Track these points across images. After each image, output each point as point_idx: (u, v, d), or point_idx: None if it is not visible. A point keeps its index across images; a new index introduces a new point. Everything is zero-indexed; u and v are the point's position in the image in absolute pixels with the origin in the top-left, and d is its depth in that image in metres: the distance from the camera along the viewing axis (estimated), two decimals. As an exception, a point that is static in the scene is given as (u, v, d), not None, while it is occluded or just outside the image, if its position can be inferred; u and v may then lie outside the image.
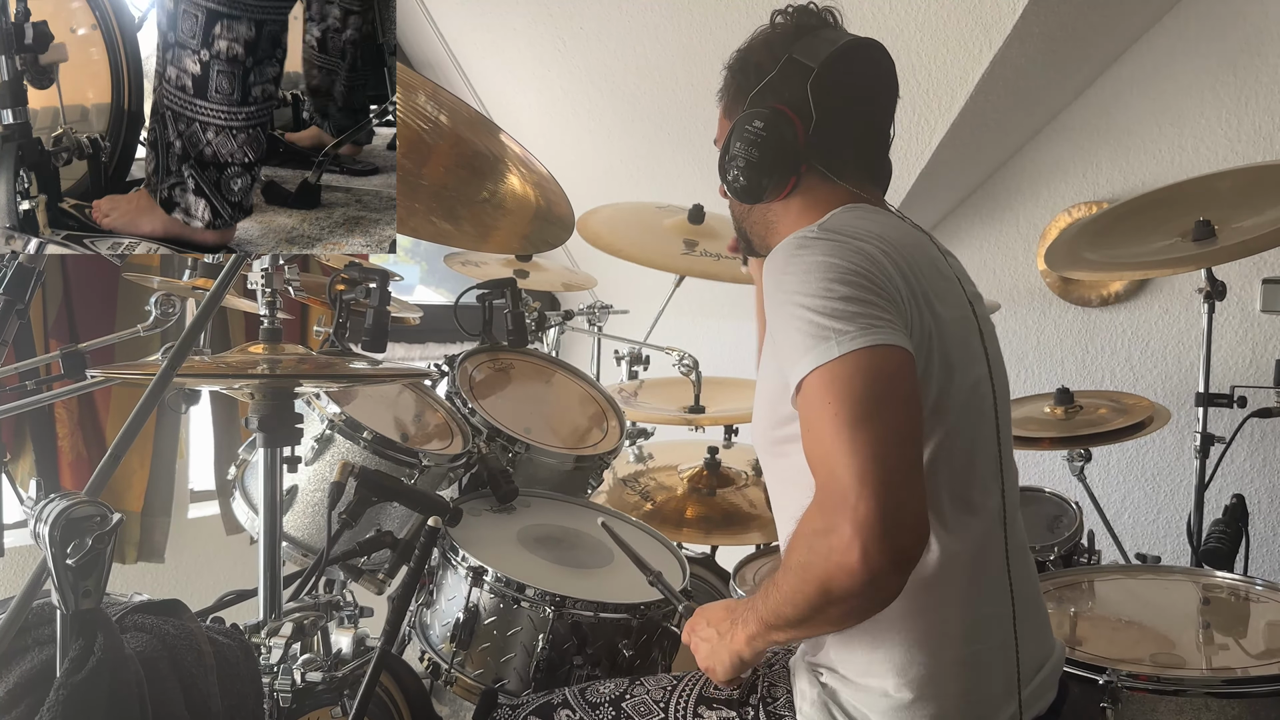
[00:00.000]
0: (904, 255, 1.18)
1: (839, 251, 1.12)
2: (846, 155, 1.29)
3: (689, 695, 1.28)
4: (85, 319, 2.34)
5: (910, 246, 1.22)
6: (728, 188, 1.32)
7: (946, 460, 1.16)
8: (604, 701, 1.32)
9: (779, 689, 1.25)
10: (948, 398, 1.16)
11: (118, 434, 1.02)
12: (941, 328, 1.17)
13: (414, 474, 1.75)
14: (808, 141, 1.25)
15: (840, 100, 1.27)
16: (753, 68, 1.30)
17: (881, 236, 1.18)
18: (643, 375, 2.75)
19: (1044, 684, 1.24)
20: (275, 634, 1.41)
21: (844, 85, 1.27)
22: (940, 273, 1.25)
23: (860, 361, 1.04)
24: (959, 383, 1.18)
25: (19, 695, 1.11)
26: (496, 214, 1.91)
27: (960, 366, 1.19)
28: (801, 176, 1.28)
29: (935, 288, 1.20)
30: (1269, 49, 2.76)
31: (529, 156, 1.97)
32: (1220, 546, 2.19)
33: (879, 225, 1.22)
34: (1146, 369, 3.01)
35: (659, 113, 3.08)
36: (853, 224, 1.20)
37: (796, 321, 1.09)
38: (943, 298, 1.20)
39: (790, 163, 1.26)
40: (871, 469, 0.99)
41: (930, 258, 1.25)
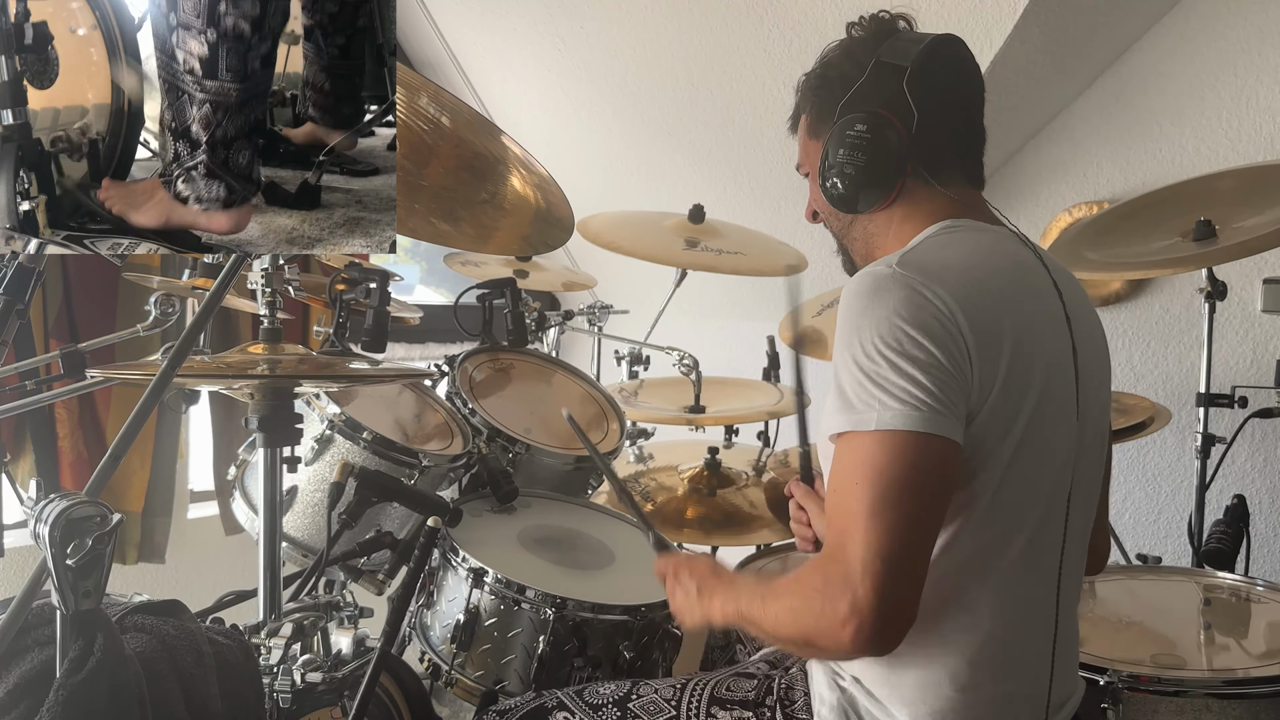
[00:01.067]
0: (992, 289, 1.12)
1: (907, 306, 1.07)
2: (948, 156, 1.25)
3: (701, 695, 1.27)
4: (85, 319, 2.34)
5: (1004, 274, 1.16)
6: (828, 197, 1.26)
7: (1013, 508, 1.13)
8: (606, 703, 1.30)
9: (796, 691, 1.24)
10: (1030, 441, 1.12)
11: (118, 434, 1.02)
12: (1029, 376, 1.12)
13: (414, 474, 1.75)
14: (911, 142, 1.21)
15: (938, 97, 1.22)
16: (837, 79, 1.26)
17: (967, 270, 1.13)
18: (643, 375, 2.75)
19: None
20: (275, 634, 1.41)
21: (939, 81, 1.23)
22: (1041, 303, 1.18)
23: (896, 445, 1.03)
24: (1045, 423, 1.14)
25: (19, 696, 1.10)
26: (496, 215, 1.90)
27: (1051, 396, 1.14)
28: (905, 182, 1.23)
29: (1030, 322, 1.14)
30: (1269, 49, 2.76)
31: (529, 158, 1.96)
32: (1221, 547, 2.19)
33: (970, 251, 1.17)
34: (1147, 369, 3.01)
35: (660, 112, 3.07)
36: (937, 255, 1.15)
37: (846, 374, 1.08)
38: (1039, 334, 1.15)
39: (895, 166, 1.21)
40: (878, 562, 1.00)
41: (1032, 287, 1.19)
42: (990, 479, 1.11)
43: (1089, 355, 1.23)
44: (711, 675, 1.32)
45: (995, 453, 1.10)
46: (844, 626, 1.01)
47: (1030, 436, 1.12)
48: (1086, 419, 1.21)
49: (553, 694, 1.35)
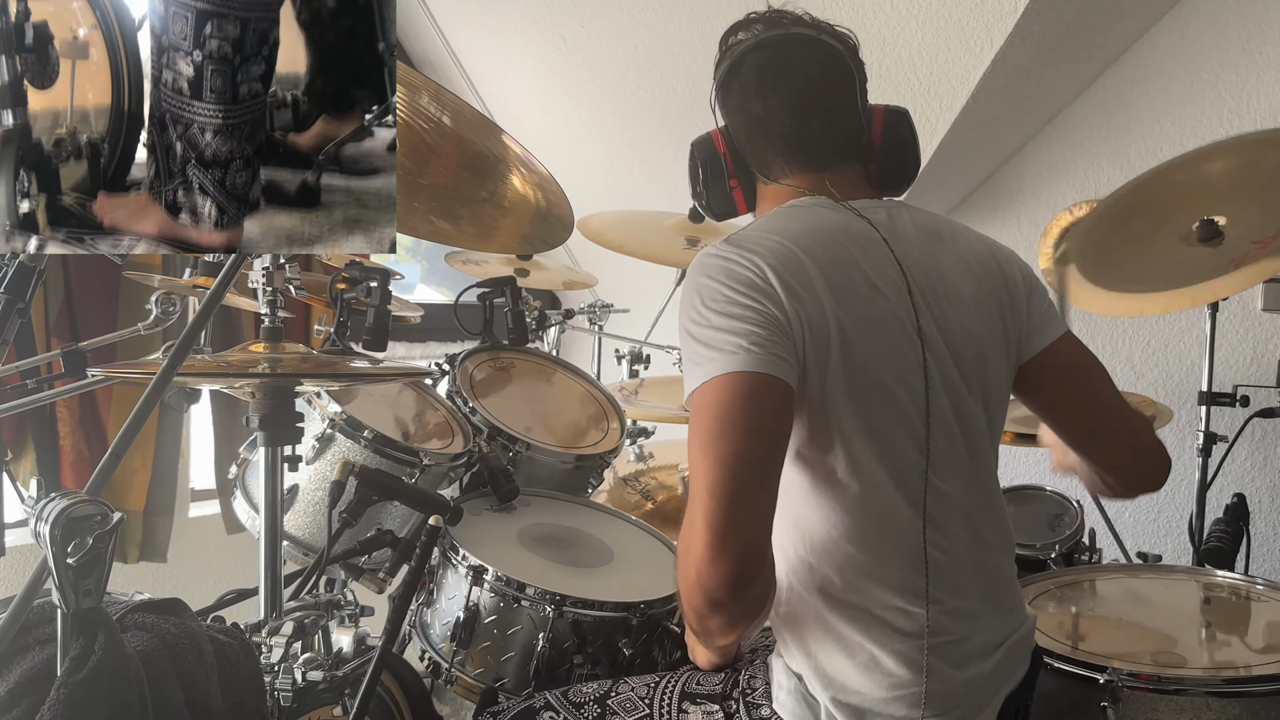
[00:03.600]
0: (816, 254, 1.18)
1: (723, 272, 1.16)
2: (769, 155, 1.32)
3: (673, 691, 1.30)
4: (86, 318, 2.35)
5: (833, 243, 1.21)
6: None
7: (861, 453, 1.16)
8: (588, 701, 1.33)
9: (758, 681, 1.27)
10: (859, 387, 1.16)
11: (119, 433, 1.02)
12: (854, 323, 1.17)
13: (414, 473, 1.75)
14: (729, 153, 1.34)
15: (736, 107, 1.33)
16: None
17: (791, 237, 1.20)
18: (643, 374, 2.75)
19: (1009, 657, 1.25)
20: (276, 633, 1.41)
21: (735, 93, 1.33)
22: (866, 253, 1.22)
23: (721, 387, 1.09)
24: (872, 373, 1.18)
25: (20, 694, 1.11)
26: (496, 214, 1.91)
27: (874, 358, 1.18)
28: (742, 186, 1.36)
29: (855, 281, 1.19)
30: (1270, 48, 2.76)
31: (530, 157, 1.97)
32: (1221, 546, 2.19)
33: (800, 223, 1.24)
34: (1148, 368, 3.01)
35: (660, 111, 3.07)
36: (764, 230, 1.22)
37: (683, 344, 1.16)
38: (868, 290, 1.19)
39: (720, 180, 1.36)
40: (709, 495, 1.05)
41: (848, 240, 1.23)
42: (817, 418, 1.16)
43: (943, 304, 1.24)
44: (683, 671, 1.35)
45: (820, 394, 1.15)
46: (693, 569, 1.05)
47: (849, 372, 1.16)
48: (936, 345, 1.22)
49: (541, 696, 1.39)
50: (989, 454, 1.29)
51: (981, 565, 1.25)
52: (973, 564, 1.24)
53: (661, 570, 1.69)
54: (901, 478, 1.18)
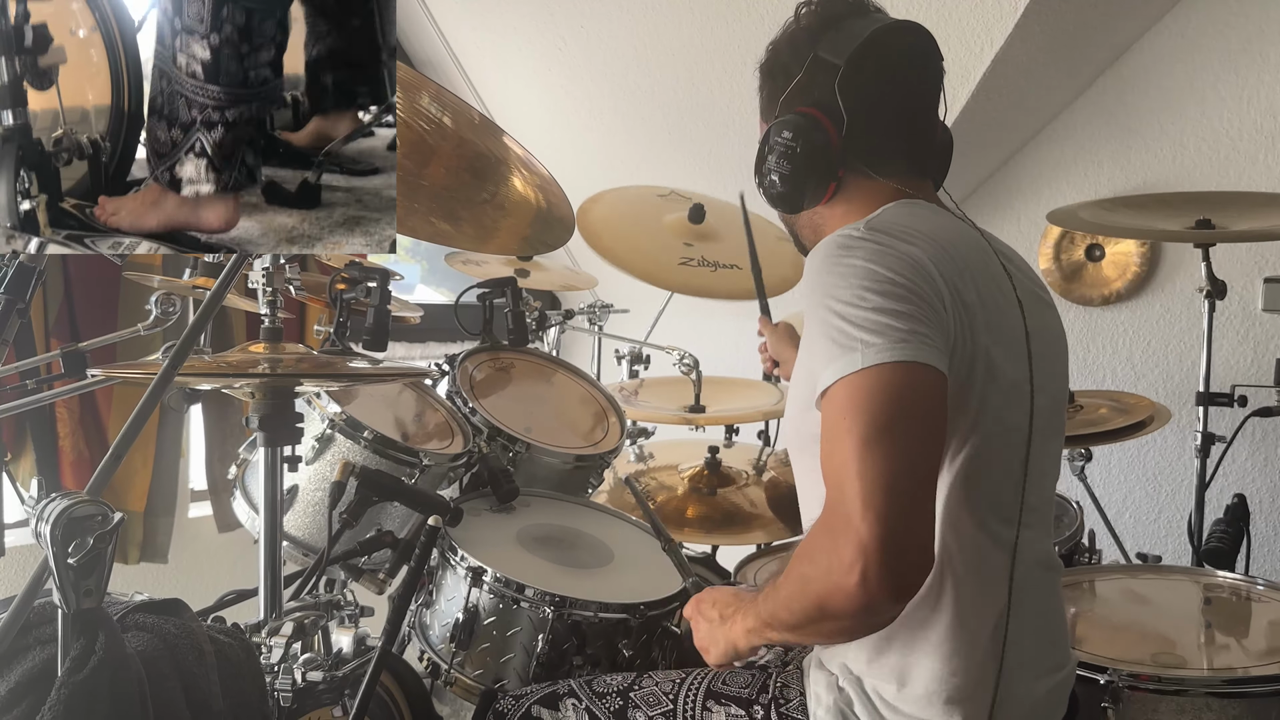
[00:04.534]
0: (955, 258, 1.12)
1: (880, 256, 1.07)
2: (888, 151, 1.24)
3: (698, 689, 1.27)
4: (86, 318, 2.34)
5: (963, 247, 1.16)
6: (765, 197, 1.27)
7: (978, 470, 1.12)
8: (611, 692, 1.32)
9: (792, 690, 1.23)
10: (987, 407, 1.12)
11: (119, 433, 1.02)
12: (991, 335, 1.12)
13: (414, 473, 1.75)
14: (842, 144, 1.20)
15: (872, 96, 1.21)
16: (780, 70, 1.26)
17: (932, 236, 1.13)
18: (643, 374, 2.75)
19: (1048, 700, 1.22)
20: (276, 633, 1.41)
21: (873, 80, 1.21)
22: (992, 276, 1.18)
23: (883, 377, 1.00)
24: (1000, 391, 1.13)
25: (20, 694, 1.11)
26: (497, 215, 1.91)
27: (1004, 374, 1.14)
28: (841, 180, 1.23)
29: (987, 293, 1.15)
30: (1270, 48, 2.76)
31: (531, 158, 1.97)
32: (1221, 546, 2.19)
33: (929, 224, 1.17)
34: (1147, 368, 3.01)
35: (661, 111, 3.07)
36: (902, 222, 1.14)
37: (827, 328, 1.05)
38: (995, 303, 1.15)
39: (826, 169, 1.21)
40: (878, 493, 0.96)
41: (984, 259, 1.19)
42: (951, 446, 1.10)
43: (1043, 340, 1.22)
44: (712, 669, 1.31)
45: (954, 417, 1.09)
46: (851, 572, 0.95)
47: (982, 405, 1.11)
48: (1041, 401, 1.19)
49: (565, 682, 1.38)
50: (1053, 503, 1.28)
51: (1043, 589, 1.23)
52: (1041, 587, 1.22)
53: (661, 571, 1.69)
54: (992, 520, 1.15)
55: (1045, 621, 1.22)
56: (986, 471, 1.13)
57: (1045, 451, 1.21)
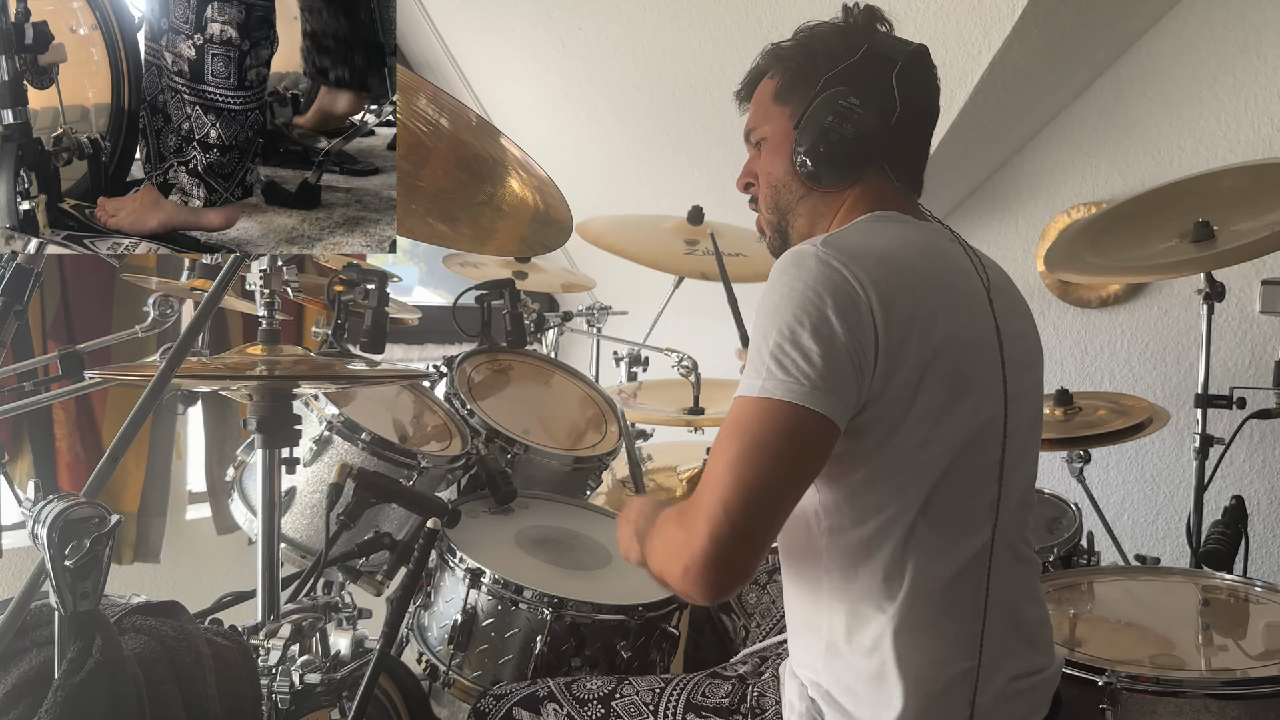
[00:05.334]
0: (908, 278, 1.14)
1: (828, 282, 1.10)
2: (908, 155, 1.27)
3: (677, 700, 1.29)
4: (83, 320, 2.34)
5: (924, 265, 1.18)
6: (799, 162, 1.25)
7: (940, 485, 1.14)
8: (592, 699, 1.32)
9: (768, 699, 1.25)
10: (946, 423, 1.14)
11: (115, 435, 1.02)
12: (941, 354, 1.13)
13: (412, 475, 1.74)
14: (886, 134, 1.22)
15: (920, 98, 1.26)
16: (823, 52, 1.25)
17: (888, 257, 1.15)
18: (642, 376, 2.75)
19: (1026, 696, 1.21)
20: (273, 635, 1.40)
21: (921, 83, 1.26)
22: (961, 291, 1.20)
23: (771, 411, 1.07)
24: (962, 408, 1.15)
25: (17, 696, 1.10)
26: (494, 216, 1.90)
27: (964, 391, 1.15)
28: (866, 170, 1.25)
29: (953, 301, 1.17)
30: (1267, 50, 2.77)
31: (529, 160, 1.96)
32: (1219, 548, 2.19)
33: (895, 241, 1.19)
34: (1146, 370, 3.01)
35: (659, 114, 3.07)
36: (862, 241, 1.17)
37: (759, 341, 1.11)
38: (955, 320, 1.17)
39: (866, 151, 1.23)
40: (723, 513, 1.04)
41: (952, 275, 1.21)
42: (895, 455, 1.12)
43: (1018, 347, 1.24)
44: (690, 678, 1.33)
45: (899, 428, 1.11)
46: (678, 561, 1.07)
47: (939, 413, 1.13)
48: (1016, 405, 1.21)
49: (545, 683, 1.38)
50: (1032, 505, 1.29)
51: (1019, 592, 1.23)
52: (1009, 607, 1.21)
53: (660, 572, 1.68)
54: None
55: (1023, 621, 1.23)
56: (957, 474, 1.15)
57: (1022, 456, 1.23)
